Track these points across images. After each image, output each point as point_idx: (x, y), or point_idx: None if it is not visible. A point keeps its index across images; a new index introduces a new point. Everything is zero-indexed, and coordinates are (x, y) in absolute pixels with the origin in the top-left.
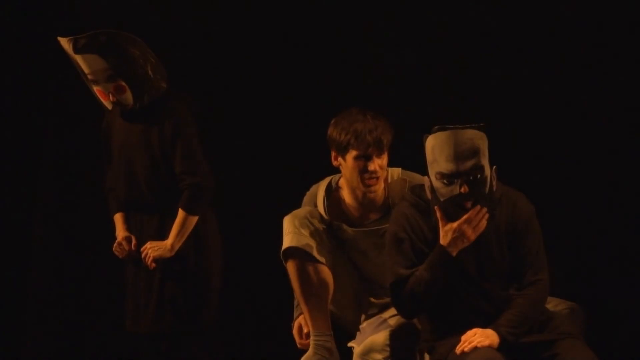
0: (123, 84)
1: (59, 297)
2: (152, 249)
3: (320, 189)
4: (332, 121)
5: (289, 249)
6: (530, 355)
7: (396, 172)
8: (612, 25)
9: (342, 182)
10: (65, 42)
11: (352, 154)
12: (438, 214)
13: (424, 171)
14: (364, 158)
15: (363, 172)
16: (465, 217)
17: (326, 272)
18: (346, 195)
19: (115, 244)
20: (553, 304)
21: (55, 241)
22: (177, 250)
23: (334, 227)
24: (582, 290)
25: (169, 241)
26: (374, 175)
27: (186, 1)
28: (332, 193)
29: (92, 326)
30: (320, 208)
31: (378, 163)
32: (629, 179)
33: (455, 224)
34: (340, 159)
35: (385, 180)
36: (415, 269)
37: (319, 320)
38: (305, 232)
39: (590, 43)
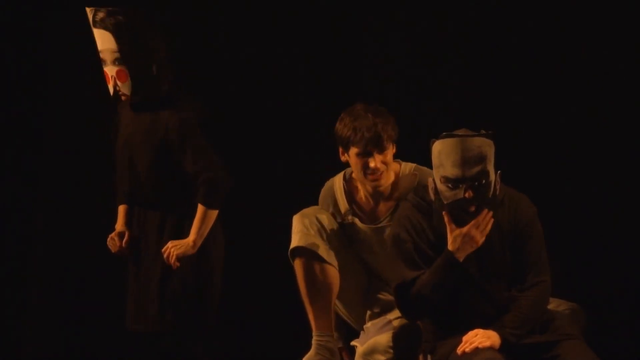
0: (126, 71)
1: (59, 296)
2: (175, 248)
3: (337, 179)
4: (340, 116)
5: (296, 248)
6: (532, 356)
7: (409, 166)
8: (613, 26)
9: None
10: (89, 12)
11: (353, 151)
12: (446, 219)
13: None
14: (365, 155)
15: (365, 168)
16: (474, 221)
17: (333, 273)
18: (359, 186)
19: (109, 238)
20: (554, 305)
21: (55, 241)
22: None
23: (346, 223)
24: (583, 290)
25: (190, 238)
26: (375, 172)
27: (187, 1)
28: (348, 183)
29: (92, 326)
30: (340, 197)
31: (380, 159)
32: (629, 180)
33: (464, 229)
34: (346, 154)
35: (397, 173)
36: (421, 271)
37: (322, 320)
38: (314, 232)
39: (590, 45)
